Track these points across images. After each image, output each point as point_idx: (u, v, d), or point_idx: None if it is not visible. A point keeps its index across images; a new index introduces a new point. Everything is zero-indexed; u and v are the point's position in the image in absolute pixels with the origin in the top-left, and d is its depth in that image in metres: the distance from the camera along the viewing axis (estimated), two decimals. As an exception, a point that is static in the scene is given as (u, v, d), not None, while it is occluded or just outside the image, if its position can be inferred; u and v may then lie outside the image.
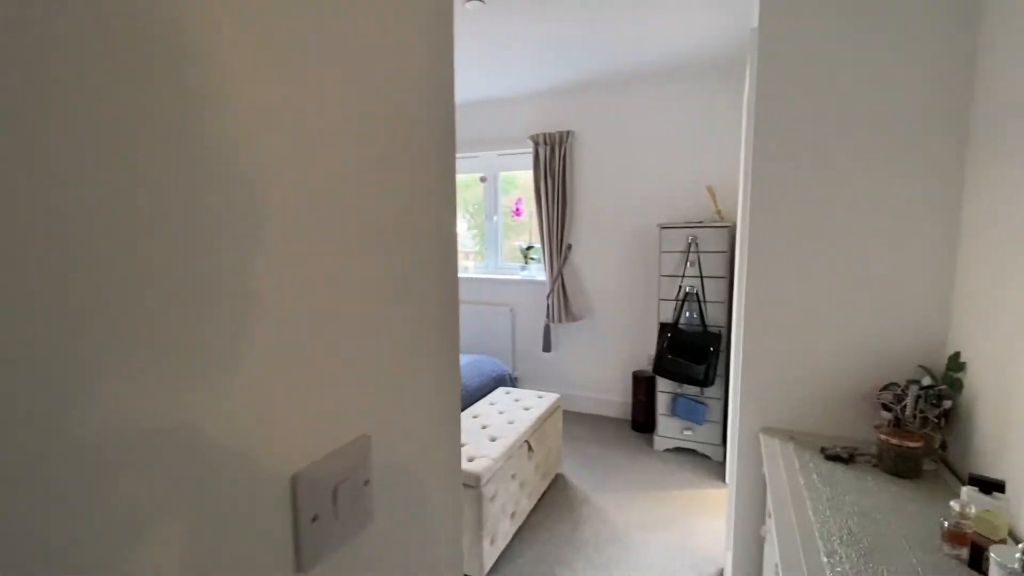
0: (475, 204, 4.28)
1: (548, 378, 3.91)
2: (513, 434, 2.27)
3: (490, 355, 3.86)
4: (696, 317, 2.93)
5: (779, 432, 1.70)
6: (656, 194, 3.42)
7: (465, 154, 4.03)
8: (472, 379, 2.85)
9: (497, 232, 4.14)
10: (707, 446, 3.01)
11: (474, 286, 4.11)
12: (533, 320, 3.89)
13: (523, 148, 3.78)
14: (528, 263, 3.93)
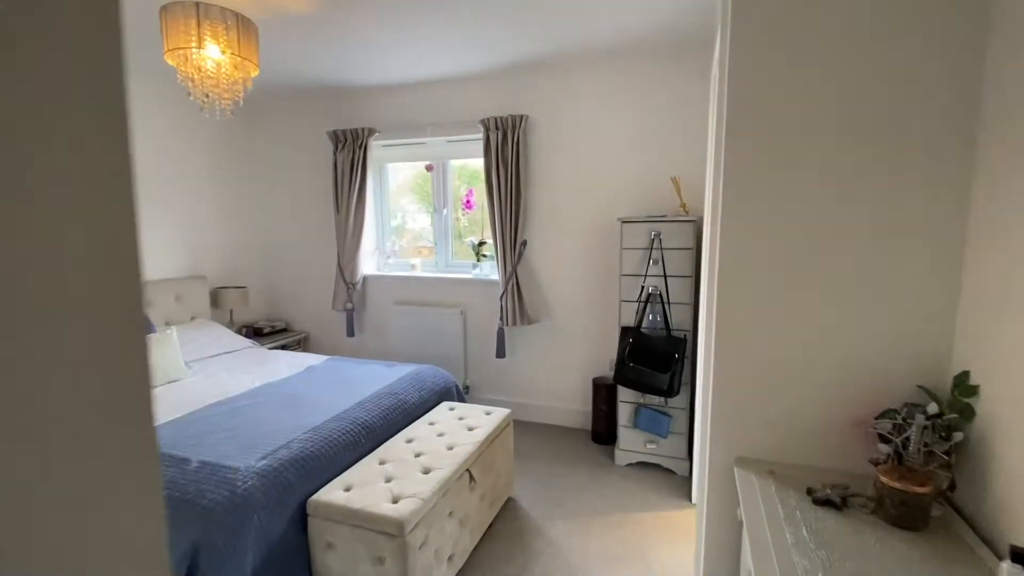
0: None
1: (503, 386, 3.60)
2: (452, 463, 1.94)
3: (440, 362, 3.52)
4: (659, 320, 2.66)
5: (757, 464, 1.43)
6: (616, 185, 3.14)
7: (410, 139, 3.64)
8: (411, 394, 2.49)
9: (447, 227, 3.78)
10: (672, 460, 2.77)
11: (422, 286, 3.74)
12: (486, 323, 3.56)
13: (473, 134, 3.43)
14: (480, 261, 3.60)
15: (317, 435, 1.95)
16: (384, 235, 4.02)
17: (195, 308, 3.60)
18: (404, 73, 3.28)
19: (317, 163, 3.94)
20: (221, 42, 1.80)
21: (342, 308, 3.85)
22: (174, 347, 2.79)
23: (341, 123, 3.75)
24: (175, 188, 3.54)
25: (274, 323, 4.15)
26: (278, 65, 3.09)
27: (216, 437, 1.95)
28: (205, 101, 1.93)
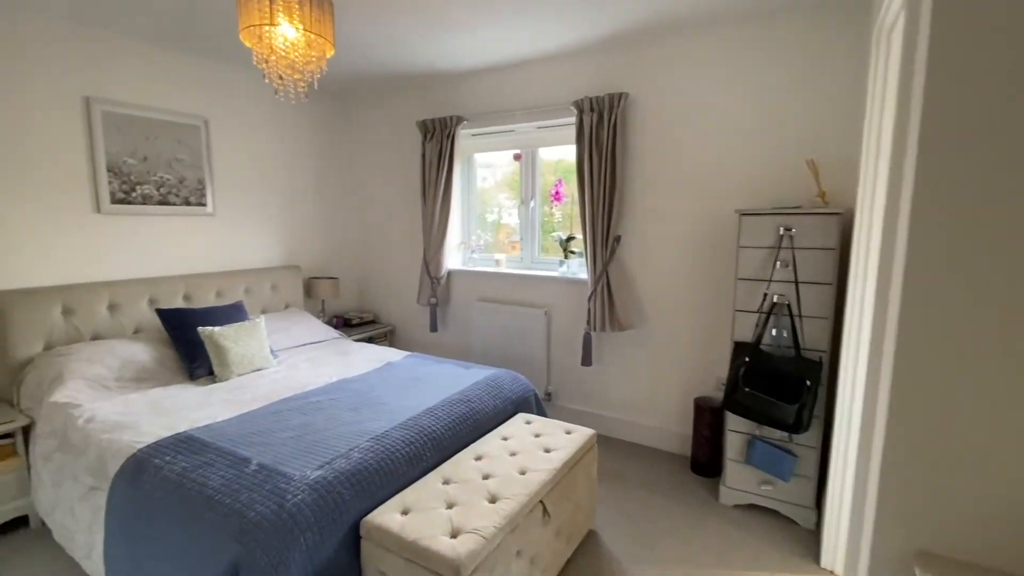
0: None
1: (587, 397, 3.26)
2: (523, 493, 1.67)
3: (521, 365, 3.28)
4: (786, 337, 2.17)
5: (951, 565, 0.98)
6: (733, 171, 2.65)
7: (497, 127, 3.42)
8: (485, 402, 2.26)
9: (534, 220, 3.51)
10: (794, 508, 2.26)
11: (506, 283, 3.51)
12: (572, 326, 3.24)
13: (566, 118, 3.12)
14: (568, 258, 3.28)
15: (379, 445, 1.78)
16: (470, 228, 3.85)
17: (289, 297, 3.69)
18: (493, 55, 3.06)
19: (407, 154, 3.86)
20: (294, 18, 1.67)
21: (426, 303, 3.75)
22: (261, 336, 2.83)
23: (430, 112, 3.63)
24: (274, 180, 3.65)
25: (363, 314, 4.18)
26: (368, 53, 3.01)
27: (280, 436, 1.86)
28: (280, 84, 1.83)
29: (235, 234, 3.42)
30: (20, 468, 2.16)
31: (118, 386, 2.38)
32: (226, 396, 2.34)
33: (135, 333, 2.80)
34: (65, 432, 2.03)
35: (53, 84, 2.53)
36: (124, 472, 1.70)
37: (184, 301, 3.05)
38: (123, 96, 2.80)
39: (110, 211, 2.79)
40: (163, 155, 3.00)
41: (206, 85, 3.18)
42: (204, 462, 1.66)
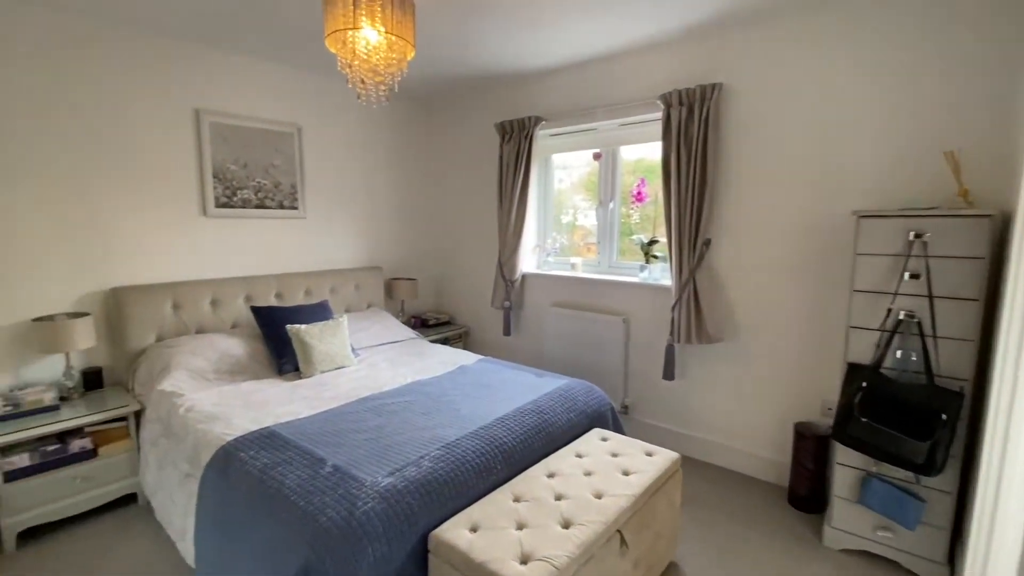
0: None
1: (669, 413, 3.04)
2: (599, 520, 1.54)
3: (596, 375, 3.13)
4: (916, 361, 1.85)
5: None
6: (851, 167, 2.33)
7: (576, 126, 3.29)
8: (558, 415, 2.15)
9: (613, 222, 3.34)
10: (920, 562, 1.92)
11: (582, 288, 3.37)
12: (653, 336, 3.04)
13: (650, 114, 2.93)
14: (650, 262, 3.08)
15: (450, 454, 1.73)
16: (546, 231, 3.76)
17: (371, 297, 3.81)
18: (574, 51, 2.94)
19: (485, 157, 3.85)
20: (376, 21, 1.67)
21: (500, 306, 3.71)
22: (343, 335, 2.92)
23: (508, 113, 3.58)
24: (359, 183, 3.78)
25: (440, 315, 4.23)
26: (447, 55, 3.02)
27: (355, 438, 1.87)
28: (362, 88, 1.84)
29: (323, 236, 3.58)
30: (131, 449, 2.37)
31: (215, 378, 2.55)
32: (308, 393, 2.42)
33: (233, 328, 3.00)
34: (169, 419, 2.20)
35: (168, 98, 2.77)
36: (214, 463, 1.79)
37: (276, 299, 3.23)
38: (228, 107, 3.01)
39: (214, 214, 3.01)
40: (261, 162, 3.20)
41: (300, 94, 3.35)
42: (284, 459, 1.70)
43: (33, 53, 2.32)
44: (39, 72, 2.34)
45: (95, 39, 2.49)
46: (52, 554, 2.05)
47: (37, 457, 2.10)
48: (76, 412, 2.27)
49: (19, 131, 2.31)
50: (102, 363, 2.65)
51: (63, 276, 2.48)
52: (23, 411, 2.18)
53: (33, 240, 2.38)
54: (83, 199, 2.52)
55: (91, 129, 2.51)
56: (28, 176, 2.35)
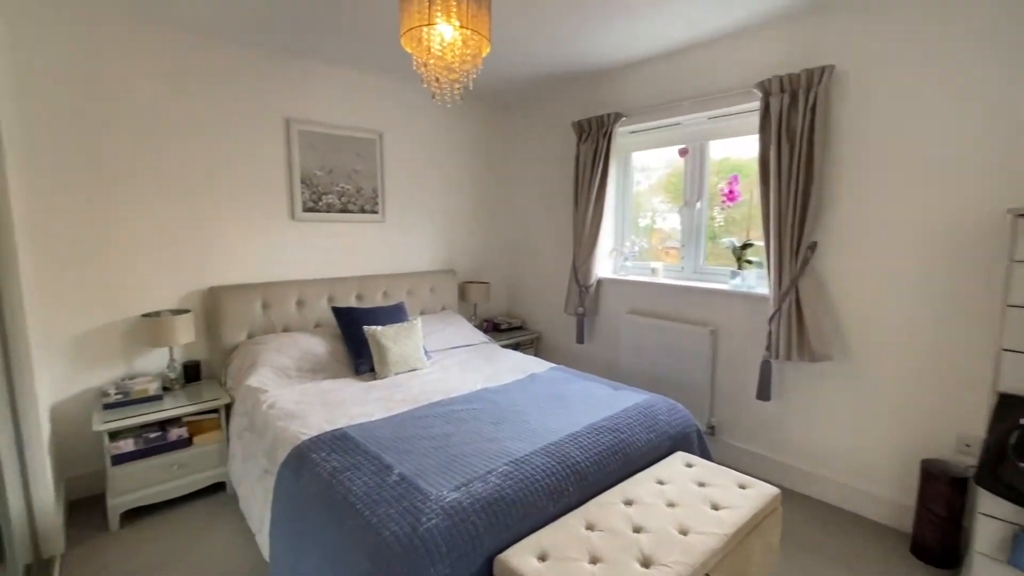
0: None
1: (762, 436, 2.72)
2: (684, 562, 1.36)
3: (678, 391, 2.90)
4: (1102, 396, 1.47)
5: None
6: (1001, 159, 1.93)
7: (660, 121, 3.07)
8: (637, 434, 1.97)
9: (699, 224, 3.08)
10: (1104, 649, 1.53)
11: (663, 294, 3.14)
12: (746, 350, 2.74)
13: (745, 104, 2.65)
14: (744, 268, 2.79)
15: (518, 471, 1.62)
16: (624, 234, 3.56)
17: (445, 299, 3.82)
18: (658, 42, 2.74)
19: (560, 157, 3.73)
20: (452, 15, 1.62)
21: (573, 312, 3.56)
22: (417, 337, 2.92)
23: (586, 111, 3.43)
24: (436, 187, 3.81)
25: (511, 320, 4.16)
26: (523, 52, 2.94)
27: (423, 445, 1.82)
28: (436, 87, 1.80)
29: (401, 239, 3.64)
30: (221, 440, 2.51)
31: (297, 375, 2.64)
32: (382, 394, 2.43)
33: (316, 327, 3.12)
34: (253, 414, 2.29)
35: (262, 109, 2.93)
36: (289, 461, 1.82)
37: (356, 300, 3.32)
38: (315, 115, 3.14)
39: (302, 218, 3.15)
40: (344, 167, 3.31)
41: (382, 100, 3.43)
42: (352, 464, 1.68)
43: (141, 71, 2.54)
44: (147, 90, 2.56)
45: (197, 56, 2.68)
46: (150, 535, 2.20)
47: (141, 443, 2.28)
48: (176, 402, 2.45)
49: (129, 145, 2.54)
50: (201, 357, 2.84)
51: (169, 276, 2.70)
52: (131, 399, 2.38)
53: (144, 243, 2.60)
54: (187, 205, 2.72)
55: (194, 141, 2.71)
56: (139, 185, 2.57)
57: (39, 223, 2.30)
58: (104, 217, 2.48)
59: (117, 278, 2.54)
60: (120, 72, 2.46)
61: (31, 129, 2.26)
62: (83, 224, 2.42)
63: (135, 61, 2.49)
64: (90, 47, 2.37)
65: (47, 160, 2.31)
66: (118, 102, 2.47)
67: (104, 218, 2.48)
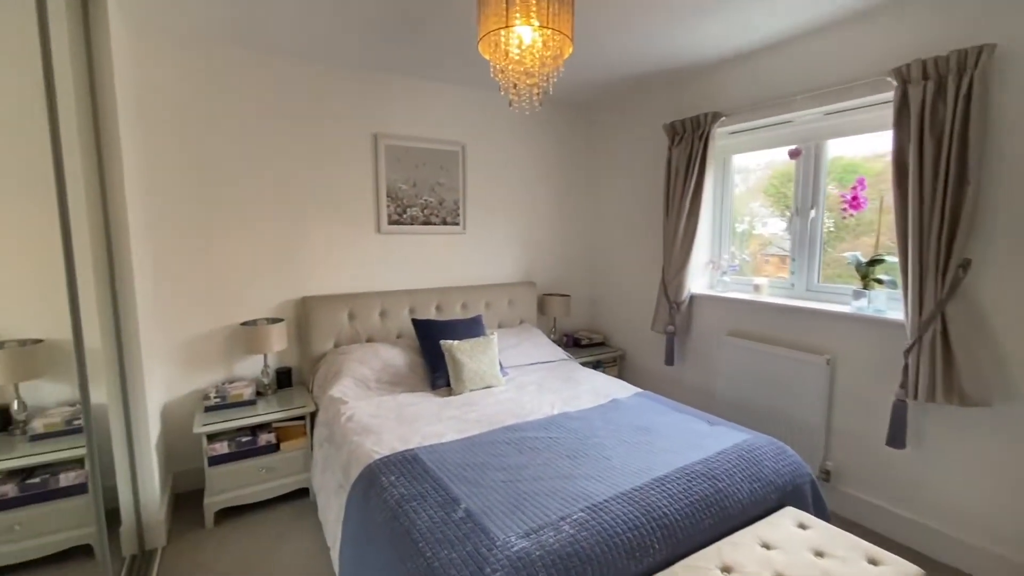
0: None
1: (894, 490, 2.28)
2: (799, 657, 1.10)
3: (786, 429, 2.54)
4: None
5: None
6: None
7: (768, 119, 2.73)
8: (737, 483, 1.70)
9: (813, 235, 2.69)
10: None
11: (768, 315, 2.77)
12: (870, 385, 2.32)
13: (874, 95, 2.26)
14: (871, 288, 2.37)
15: (595, 519, 1.45)
16: (722, 245, 3.22)
17: (524, 312, 3.72)
18: (763, 30, 2.42)
19: (649, 163, 3.48)
20: (532, 15, 1.50)
21: (663, 330, 3.28)
22: (493, 353, 2.83)
23: (679, 112, 3.16)
24: (516, 197, 3.73)
25: (593, 335, 3.96)
26: (608, 52, 2.75)
27: (494, 477, 1.71)
28: (514, 94, 1.69)
29: (480, 251, 3.60)
30: (306, 447, 2.59)
31: (377, 387, 2.67)
32: (455, 412, 2.36)
33: (397, 338, 3.15)
34: (332, 425, 2.32)
35: (352, 126, 3.03)
36: (360, 481, 1.79)
37: (436, 312, 3.32)
38: (400, 130, 3.19)
39: (387, 231, 3.20)
40: (428, 180, 3.33)
41: (464, 112, 3.42)
42: (419, 493, 1.60)
43: (243, 94, 2.71)
44: (248, 111, 2.72)
45: (290, 78, 2.82)
46: (239, 536, 2.30)
47: (234, 446, 2.40)
48: (267, 408, 2.56)
49: (232, 163, 2.71)
50: (292, 364, 2.98)
51: (265, 286, 2.85)
52: (228, 403, 2.52)
53: (244, 256, 2.77)
54: (282, 220, 2.87)
55: (289, 160, 2.85)
56: (240, 201, 2.74)
57: (157, 238, 2.53)
58: (209, 232, 2.67)
59: (220, 289, 2.72)
60: (225, 96, 2.65)
61: (148, 151, 2.49)
62: (191, 239, 2.63)
63: (237, 84, 2.67)
64: (198, 70, 2.57)
65: (161, 180, 2.53)
66: (223, 124, 2.65)
67: (209, 233, 2.67)
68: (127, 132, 2.13)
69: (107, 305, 2.05)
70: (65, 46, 1.84)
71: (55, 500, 2.06)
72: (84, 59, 1.90)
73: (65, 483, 2.08)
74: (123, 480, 2.16)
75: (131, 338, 2.11)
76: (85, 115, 1.93)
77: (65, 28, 1.83)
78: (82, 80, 1.90)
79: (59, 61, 1.66)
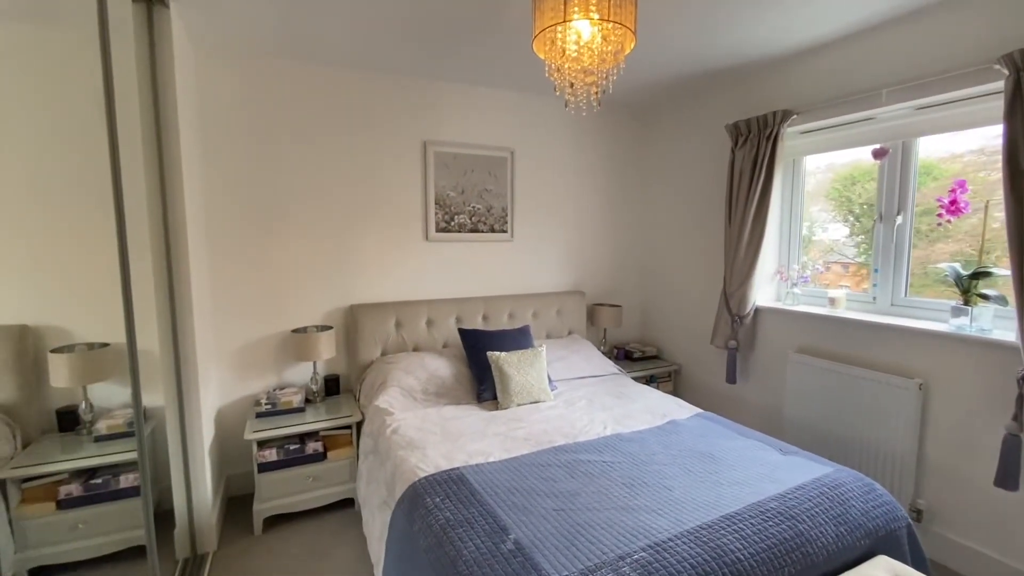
0: (867, 199, 2.66)
1: (1001, 536, 1.98)
2: None
3: (867, 461, 2.29)
4: None
5: None
6: None
7: (847, 116, 2.48)
8: (821, 525, 1.50)
9: (901, 243, 2.41)
10: None
11: (846, 331, 2.51)
12: (975, 414, 2.04)
13: (977, 86, 1.99)
14: (974, 304, 2.09)
15: (660, 561, 1.30)
16: (791, 254, 2.97)
17: (572, 323, 3.59)
18: (838, 19, 2.20)
19: (709, 167, 3.27)
20: (591, 9, 1.39)
21: (723, 345, 3.06)
22: (541, 366, 2.72)
23: (744, 111, 2.95)
24: (566, 203, 3.61)
25: (645, 348, 3.77)
26: (667, 50, 2.59)
27: (545, 505, 1.59)
28: (570, 93, 1.58)
29: (529, 258, 3.50)
30: (352, 457, 2.56)
31: (423, 398, 2.61)
32: (502, 428, 2.26)
33: (444, 347, 3.10)
34: (377, 436, 2.28)
35: (401, 133, 3.01)
36: (404, 500, 1.72)
37: (483, 321, 3.25)
38: (449, 136, 3.15)
39: (435, 238, 3.17)
40: (476, 187, 3.27)
41: (514, 117, 3.34)
42: (466, 519, 1.51)
43: (296, 105, 2.74)
44: (301, 122, 2.75)
45: (341, 88, 2.83)
46: (288, 544, 2.29)
47: (282, 454, 2.41)
48: (315, 416, 2.56)
49: (286, 172, 2.75)
50: (340, 371, 2.98)
51: (315, 293, 2.87)
52: (278, 410, 2.54)
53: (296, 264, 2.80)
54: (333, 229, 2.88)
55: (341, 169, 2.87)
56: (293, 211, 2.77)
57: (214, 247, 2.59)
58: (263, 241, 2.71)
59: (273, 296, 2.76)
60: (279, 107, 2.69)
61: (207, 161, 2.55)
62: (246, 247, 2.68)
63: (290, 95, 2.71)
64: (253, 81, 2.63)
65: (218, 189, 2.59)
66: (278, 135, 2.70)
67: (263, 242, 2.71)
68: (187, 142, 2.19)
69: (165, 311, 2.09)
70: (131, 58, 1.90)
71: (116, 501, 2.12)
72: (148, 71, 1.95)
73: (125, 484, 2.14)
74: (178, 483, 2.19)
75: (188, 343, 2.15)
76: (148, 126, 1.98)
77: (132, 39, 1.89)
78: (146, 92, 1.95)
79: (124, 72, 1.71)
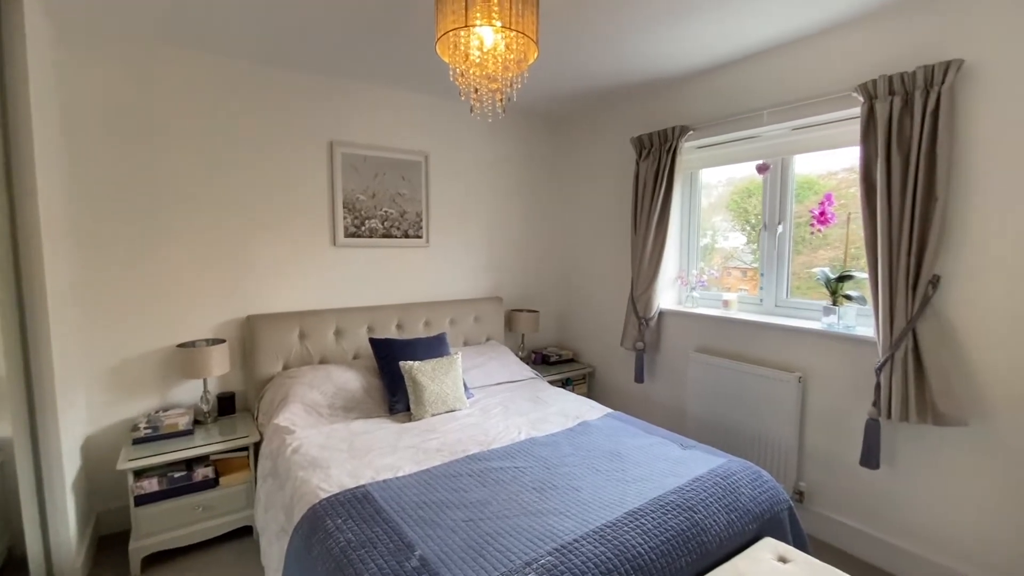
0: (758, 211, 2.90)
1: (869, 510, 2.23)
2: None
3: (758, 449, 2.47)
4: None
5: None
6: None
7: (735, 134, 2.71)
8: (714, 514, 1.60)
9: (782, 250, 2.66)
10: None
11: (737, 331, 2.72)
12: (843, 404, 2.28)
13: (841, 111, 2.25)
14: (840, 304, 2.35)
15: (566, 562, 1.31)
16: (690, 260, 3.18)
17: (490, 329, 3.58)
18: (731, 45, 2.40)
19: (617, 177, 3.42)
20: (492, 15, 1.39)
21: (632, 347, 3.20)
22: (457, 374, 2.67)
23: (647, 126, 3.12)
24: (482, 210, 3.60)
25: (562, 352, 3.84)
26: (574, 63, 2.68)
27: (453, 516, 1.55)
28: (475, 99, 1.57)
29: (446, 265, 3.45)
30: (249, 481, 2.35)
31: (329, 413, 2.46)
32: (414, 440, 2.19)
33: (354, 359, 2.95)
34: (277, 457, 2.11)
35: (306, 133, 2.85)
36: (303, 525, 1.60)
37: (397, 330, 3.14)
38: (359, 138, 3.03)
39: (343, 244, 3.02)
40: (388, 191, 3.17)
41: (428, 121, 3.28)
42: (369, 539, 1.43)
43: (185, 98, 2.50)
44: (191, 117, 2.51)
45: (240, 81, 2.63)
46: (168, 585, 2.05)
47: (165, 483, 2.15)
48: (205, 438, 2.32)
49: (172, 172, 2.49)
50: (236, 388, 2.73)
51: (205, 304, 2.61)
52: (160, 434, 2.27)
53: (181, 269, 2.53)
54: (227, 233, 2.64)
55: (236, 168, 2.65)
56: (180, 212, 2.51)
57: (81, 252, 2.27)
58: (143, 245, 2.43)
59: (156, 308, 2.47)
60: (163, 100, 2.43)
61: (75, 159, 2.25)
62: (123, 252, 2.38)
63: (179, 88, 2.46)
64: (132, 71, 2.36)
65: (89, 190, 2.29)
66: (162, 130, 2.44)
67: (143, 246, 2.43)
68: (44, 139, 1.91)
69: (13, 327, 1.80)
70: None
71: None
72: (-12, 50, 1.68)
73: (-44, 534, 1.80)
74: (31, 524, 1.89)
75: (43, 361, 1.86)
76: (-12, 114, 1.70)
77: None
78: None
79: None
